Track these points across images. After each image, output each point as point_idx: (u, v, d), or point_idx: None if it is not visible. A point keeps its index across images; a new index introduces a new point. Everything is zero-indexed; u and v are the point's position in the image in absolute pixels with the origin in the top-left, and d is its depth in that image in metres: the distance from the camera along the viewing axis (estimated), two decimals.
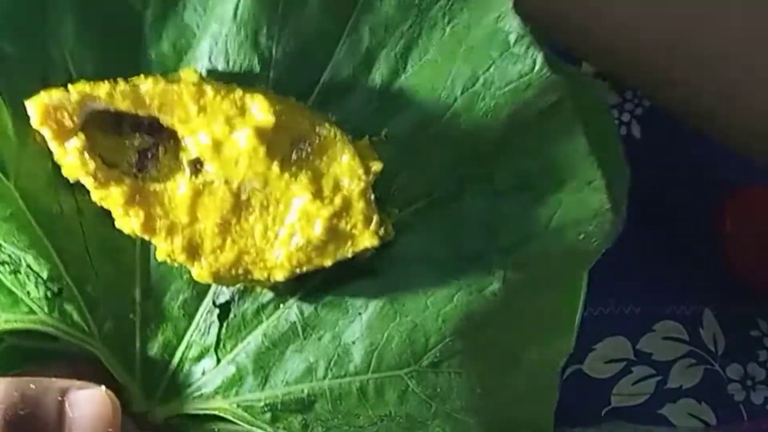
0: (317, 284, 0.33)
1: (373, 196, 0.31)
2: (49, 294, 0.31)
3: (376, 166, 0.31)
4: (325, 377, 0.33)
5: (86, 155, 0.29)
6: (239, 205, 0.30)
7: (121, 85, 0.30)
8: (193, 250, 0.30)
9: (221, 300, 0.33)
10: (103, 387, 0.29)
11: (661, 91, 0.48)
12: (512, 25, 0.33)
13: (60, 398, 0.28)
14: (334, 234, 0.30)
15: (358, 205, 0.31)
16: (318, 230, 0.30)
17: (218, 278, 0.31)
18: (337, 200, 0.30)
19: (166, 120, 0.30)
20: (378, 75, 0.33)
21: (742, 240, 0.70)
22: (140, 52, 0.32)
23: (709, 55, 0.43)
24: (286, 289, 0.33)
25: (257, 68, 0.32)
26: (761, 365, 0.72)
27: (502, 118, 0.33)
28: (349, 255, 0.31)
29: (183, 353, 0.33)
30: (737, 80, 0.44)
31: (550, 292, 0.34)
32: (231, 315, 0.33)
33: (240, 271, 0.30)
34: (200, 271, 0.30)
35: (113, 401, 0.29)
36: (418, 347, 0.33)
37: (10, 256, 0.31)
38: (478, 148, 0.34)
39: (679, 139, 0.70)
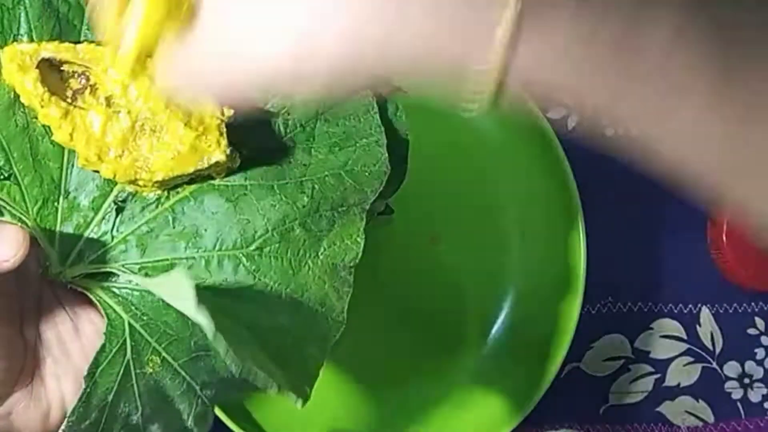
0: (187, 194, 0.48)
1: (225, 131, 0.45)
2: (1, 177, 0.46)
3: (228, 113, 0.45)
4: (183, 252, 0.47)
5: (38, 85, 0.44)
6: (135, 128, 0.45)
7: (65, 44, 0.46)
8: (101, 156, 0.45)
9: (119, 200, 0.48)
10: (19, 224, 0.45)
11: None
12: None
13: None
14: (196, 149, 0.45)
15: (215, 134, 0.45)
16: (185, 146, 0.45)
17: (118, 176, 0.45)
18: (200, 128, 0.45)
19: (93, 69, 0.46)
20: None
21: (739, 238, 0.72)
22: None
23: None
24: (164, 196, 0.48)
25: None
26: (759, 363, 0.74)
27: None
28: (206, 165, 0.45)
29: (89, 233, 0.47)
30: None
31: (342, 210, 0.49)
32: (125, 210, 0.48)
33: (133, 171, 0.45)
34: (105, 171, 0.45)
35: (24, 230, 0.43)
36: (248, 236, 0.47)
37: None
38: (302, 117, 0.49)
39: None
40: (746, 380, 0.74)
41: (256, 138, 0.48)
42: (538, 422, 0.69)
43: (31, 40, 0.46)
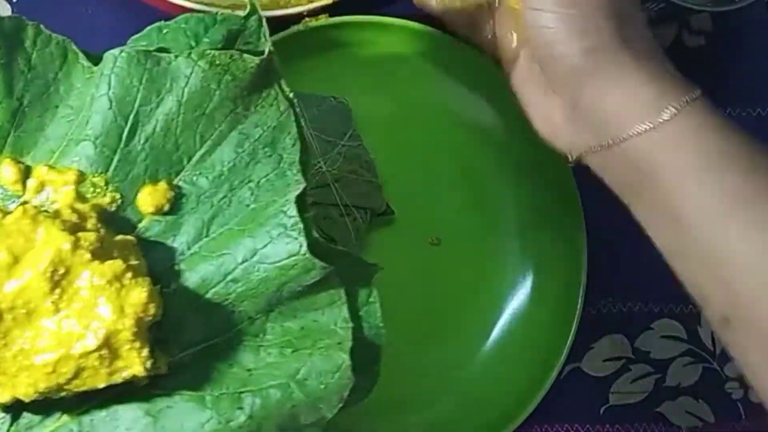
0: (97, 403, 0.40)
1: (147, 335, 0.37)
2: None
3: (153, 310, 0.37)
4: None
5: None
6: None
7: None
8: None
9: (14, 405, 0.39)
10: None
11: None
12: (291, 212, 0.40)
13: None
14: (106, 362, 0.37)
15: (131, 341, 0.37)
16: (92, 361, 0.37)
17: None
18: (111, 337, 0.37)
19: None
20: (185, 235, 0.41)
21: None
22: None
23: None
24: (71, 404, 0.40)
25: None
26: None
27: (272, 287, 0.40)
28: (120, 380, 0.37)
29: None
30: None
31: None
32: (21, 417, 0.40)
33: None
34: None
35: None
36: None
37: None
38: (251, 308, 0.41)
39: None
40: (746, 380, 0.70)
41: (192, 332, 0.41)
42: (539, 423, 0.70)
43: None
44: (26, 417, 0.40)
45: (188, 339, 0.40)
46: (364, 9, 0.66)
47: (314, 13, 0.64)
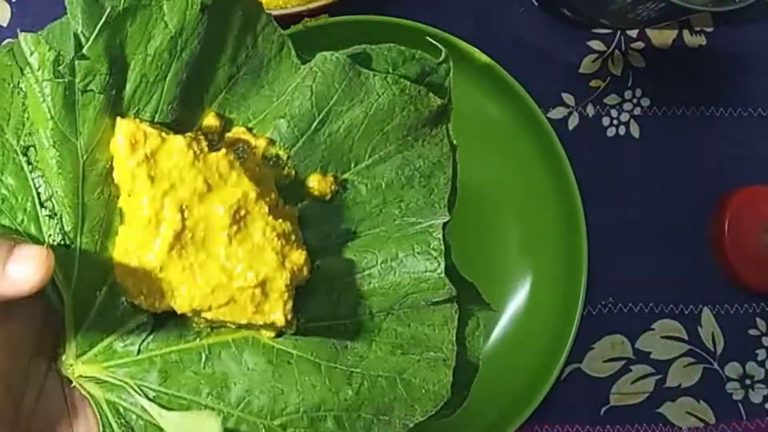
0: (228, 339, 0.44)
1: (293, 293, 0.42)
2: (62, 243, 0.41)
3: (306, 273, 0.42)
4: (205, 398, 0.44)
5: (139, 172, 0.40)
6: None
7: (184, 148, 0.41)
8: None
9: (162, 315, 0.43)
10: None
11: None
12: (437, 234, 0.45)
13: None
14: (255, 302, 0.41)
15: (281, 292, 0.41)
16: (245, 297, 0.41)
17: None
18: (268, 282, 0.41)
19: None
20: (335, 226, 0.46)
21: (740, 239, 0.73)
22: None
23: None
24: (206, 332, 0.44)
25: None
26: (760, 364, 0.74)
27: (400, 293, 0.45)
28: (260, 322, 0.42)
29: (117, 337, 0.44)
30: None
31: (383, 420, 0.45)
32: (162, 329, 0.44)
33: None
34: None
35: (50, 252, 0.38)
36: (276, 408, 0.44)
37: (53, 205, 0.41)
38: (375, 305, 0.45)
39: (677, 139, 0.74)
40: (747, 381, 0.74)
41: (321, 309, 0.45)
42: (539, 423, 0.71)
43: (152, 120, 0.42)
44: (165, 329, 0.44)
45: (315, 312, 0.45)
46: (364, 9, 0.66)
47: (314, 13, 0.64)
